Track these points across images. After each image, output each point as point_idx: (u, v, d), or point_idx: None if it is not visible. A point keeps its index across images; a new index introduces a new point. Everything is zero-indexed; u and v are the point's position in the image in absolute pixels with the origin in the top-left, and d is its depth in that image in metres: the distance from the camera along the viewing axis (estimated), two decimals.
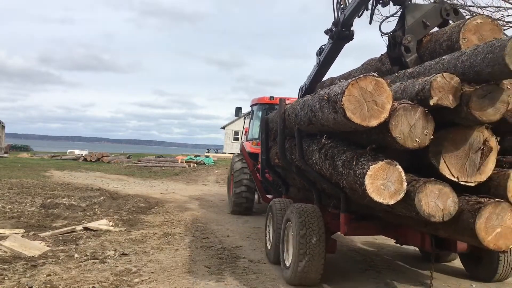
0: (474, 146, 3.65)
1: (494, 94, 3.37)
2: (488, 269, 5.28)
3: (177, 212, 10.54)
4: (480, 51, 3.35)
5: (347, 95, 3.50)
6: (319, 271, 4.83)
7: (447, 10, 4.85)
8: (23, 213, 9.24)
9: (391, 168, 3.54)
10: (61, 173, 22.11)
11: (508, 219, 3.39)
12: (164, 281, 4.96)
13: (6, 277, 4.93)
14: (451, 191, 3.50)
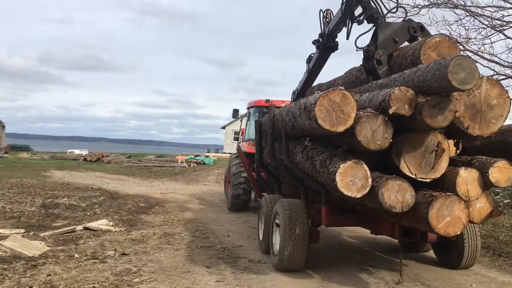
0: (429, 147, 4.25)
1: (443, 104, 3.95)
2: (455, 257, 5.86)
3: (177, 212, 10.55)
4: (430, 68, 3.97)
5: (318, 105, 4.17)
6: (303, 258, 5.40)
7: (414, 28, 5.48)
8: (23, 213, 9.24)
9: (358, 166, 4.20)
10: (61, 173, 22.11)
11: (456, 209, 4.05)
12: (164, 281, 4.96)
13: (6, 277, 4.94)
14: (409, 186, 4.15)
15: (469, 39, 9.02)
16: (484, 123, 4.17)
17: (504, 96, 4.17)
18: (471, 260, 5.81)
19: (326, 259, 6.30)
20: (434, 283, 5.26)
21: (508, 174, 4.42)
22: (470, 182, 4.32)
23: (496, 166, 4.40)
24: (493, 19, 8.57)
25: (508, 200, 10.30)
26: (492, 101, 4.14)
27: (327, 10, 6.85)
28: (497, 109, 4.15)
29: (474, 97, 4.11)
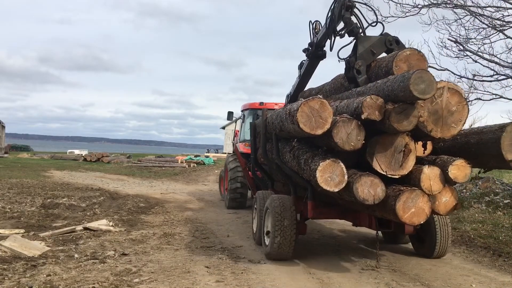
0: (398, 148, 4.90)
1: (408, 111, 4.59)
2: (429, 247, 6.46)
3: (177, 212, 10.54)
4: (397, 80, 4.60)
5: (300, 111, 4.82)
6: (291, 248, 5.96)
7: (390, 41, 6.07)
8: (23, 213, 9.24)
9: (336, 164, 4.85)
10: (61, 173, 22.11)
11: (420, 202, 4.70)
12: (164, 281, 4.96)
13: (6, 277, 4.93)
14: (380, 182, 4.78)
15: (469, 39, 9.02)
16: (445, 127, 4.77)
17: (462, 103, 4.80)
18: (443, 250, 6.41)
19: (326, 259, 6.29)
20: (434, 283, 5.26)
21: (465, 171, 5.00)
22: (432, 178, 4.90)
23: (454, 164, 4.97)
24: (493, 19, 8.56)
25: (508, 200, 10.29)
26: (452, 107, 4.75)
27: (316, 21, 7.33)
28: (457, 114, 4.77)
29: (436, 104, 4.72)
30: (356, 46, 6.16)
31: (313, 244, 7.31)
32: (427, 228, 6.27)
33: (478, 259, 6.62)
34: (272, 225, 5.99)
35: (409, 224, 4.88)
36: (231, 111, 13.22)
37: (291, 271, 5.60)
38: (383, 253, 6.76)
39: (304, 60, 8.01)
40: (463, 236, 8.01)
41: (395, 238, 7.24)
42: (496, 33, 8.70)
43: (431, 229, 6.28)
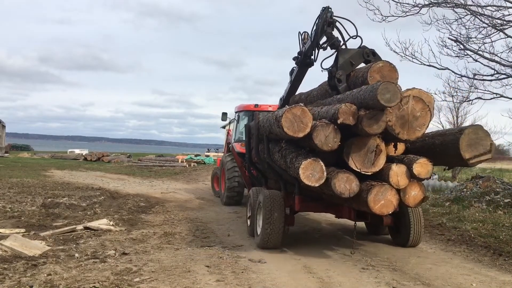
0: (370, 149, 5.63)
1: (378, 116, 5.32)
2: (404, 237, 7.14)
3: (178, 211, 10.55)
4: (368, 90, 5.35)
5: (284, 117, 5.55)
6: (279, 238, 6.63)
7: (367, 53, 6.77)
8: (24, 212, 9.25)
9: (316, 163, 5.52)
10: (62, 172, 22.13)
11: (389, 195, 5.45)
12: (165, 281, 4.96)
13: (6, 276, 4.94)
14: (355, 178, 5.49)
15: (469, 38, 9.00)
16: (411, 130, 5.51)
17: (426, 110, 5.52)
18: (417, 239, 7.11)
19: (327, 258, 6.29)
20: (435, 282, 5.26)
21: (427, 168, 5.71)
22: (399, 174, 5.59)
23: (418, 162, 5.66)
24: (494, 18, 8.53)
25: (509, 199, 10.29)
26: (417, 113, 5.49)
27: (304, 32, 7.85)
28: (421, 119, 5.52)
29: (403, 110, 5.45)
30: (337, 58, 6.86)
31: (314, 243, 7.31)
32: (402, 220, 7.06)
33: (479, 258, 6.62)
34: (263, 217, 6.65)
35: (379, 214, 5.55)
36: (225, 112, 13.74)
37: (291, 270, 5.60)
38: (382, 253, 6.77)
39: (295, 67, 8.64)
40: (463, 235, 8.01)
41: (376, 230, 7.98)
42: (497, 32, 8.68)
43: (406, 220, 7.04)
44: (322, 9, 7.23)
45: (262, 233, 6.66)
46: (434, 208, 10.79)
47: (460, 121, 16.51)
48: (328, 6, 7.15)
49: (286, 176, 6.76)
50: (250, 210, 7.70)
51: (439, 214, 10.06)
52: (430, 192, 12.59)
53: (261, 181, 8.99)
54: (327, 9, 7.13)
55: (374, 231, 8.03)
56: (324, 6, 7.18)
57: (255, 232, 7.12)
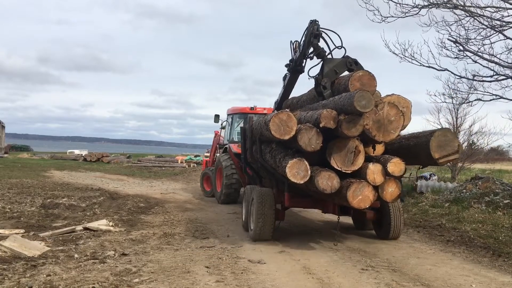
0: (350, 149, 6.28)
1: (356, 120, 5.97)
2: (385, 230, 7.77)
3: (177, 212, 10.55)
4: (346, 97, 6.04)
5: (272, 122, 6.18)
6: (270, 231, 7.28)
7: (350, 62, 7.39)
8: (23, 213, 9.24)
9: (301, 162, 6.18)
10: (61, 173, 22.11)
11: (366, 191, 6.08)
12: (164, 281, 4.96)
13: (6, 277, 4.93)
14: (336, 176, 6.14)
15: (468, 39, 9.01)
16: (386, 132, 6.15)
17: (399, 115, 6.19)
18: (397, 232, 7.75)
19: (326, 259, 6.29)
20: (434, 283, 5.26)
21: (400, 167, 6.30)
22: (376, 172, 6.20)
23: (392, 161, 6.28)
24: (493, 19, 8.53)
25: (508, 200, 10.29)
26: (391, 118, 6.13)
27: (296, 41, 8.41)
28: (395, 123, 6.15)
29: (379, 115, 6.08)
30: (323, 67, 7.49)
31: (313, 244, 7.31)
32: (384, 215, 7.72)
33: (478, 259, 6.63)
34: (256, 212, 7.26)
35: (357, 208, 6.25)
36: (218, 114, 14.23)
37: (291, 271, 5.60)
38: (382, 253, 6.78)
39: (287, 73, 9.24)
40: (463, 236, 8.01)
41: (362, 225, 8.61)
42: (496, 33, 8.68)
43: (387, 216, 7.68)
44: (310, 21, 7.84)
45: (255, 227, 7.28)
46: (434, 209, 10.78)
47: (460, 122, 16.47)
48: (315, 20, 7.78)
49: (277, 175, 7.35)
50: (245, 207, 8.33)
51: (438, 215, 10.05)
52: (429, 193, 12.59)
53: (256, 180, 9.41)
54: (314, 22, 7.76)
55: (360, 226, 8.65)
56: (312, 19, 7.84)
57: (249, 226, 7.75)
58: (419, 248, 7.31)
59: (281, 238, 7.60)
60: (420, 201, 11.86)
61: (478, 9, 8.53)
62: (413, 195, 12.76)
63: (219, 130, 14.71)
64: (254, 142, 8.12)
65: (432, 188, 12.89)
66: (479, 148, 17.41)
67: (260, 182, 9.08)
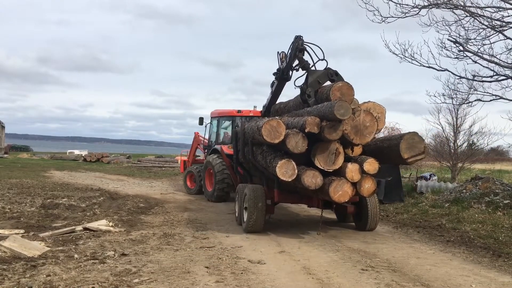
0: (331, 151, 7.23)
1: (336, 126, 6.93)
2: (363, 223, 8.63)
3: (177, 212, 10.54)
4: (328, 106, 6.96)
5: (263, 128, 7.08)
6: (262, 224, 8.07)
7: (331, 74, 8.18)
8: (23, 213, 9.24)
9: (289, 162, 7.11)
10: (61, 173, 22.11)
11: (345, 187, 7.02)
12: (164, 282, 4.96)
13: (6, 277, 4.93)
14: (319, 174, 7.09)
15: (468, 40, 9.00)
16: (362, 136, 7.12)
17: (374, 121, 7.13)
18: (374, 224, 8.62)
19: (326, 259, 6.29)
20: (434, 284, 5.26)
21: (374, 166, 7.22)
22: (353, 171, 7.15)
23: (367, 161, 7.22)
24: (493, 19, 8.53)
25: (508, 201, 10.29)
26: (367, 123, 7.09)
27: (282, 52, 9.32)
28: (370, 128, 7.12)
29: (356, 121, 7.04)
30: (307, 77, 8.30)
31: (313, 244, 7.31)
32: (362, 209, 8.56)
33: (478, 260, 6.62)
34: (249, 207, 8.01)
35: (337, 202, 7.20)
36: (202, 117, 15.03)
37: (291, 271, 5.60)
38: (383, 254, 6.78)
39: (274, 81, 10.09)
40: (463, 237, 8.02)
41: (344, 218, 9.54)
42: (496, 33, 8.68)
43: (365, 209, 8.52)
44: (295, 37, 8.72)
45: (247, 220, 8.04)
46: (434, 209, 10.78)
47: (460, 123, 16.48)
48: (300, 35, 8.68)
49: (267, 174, 8.30)
50: (238, 203, 9.07)
51: (438, 215, 10.06)
52: (429, 193, 12.59)
53: (247, 178, 10.31)
54: (299, 38, 8.65)
55: (341, 219, 9.64)
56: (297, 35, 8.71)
57: (242, 220, 8.45)
58: (419, 248, 7.31)
59: (280, 237, 7.61)
60: (420, 201, 11.87)
61: (478, 9, 8.53)
62: (413, 195, 12.76)
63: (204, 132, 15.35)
64: (247, 144, 8.91)
65: (432, 189, 12.89)
66: (479, 148, 17.41)
67: (251, 180, 9.98)
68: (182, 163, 17.64)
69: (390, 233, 8.69)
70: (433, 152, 18.38)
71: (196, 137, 16.68)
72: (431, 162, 21.21)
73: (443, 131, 17.03)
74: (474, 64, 9.03)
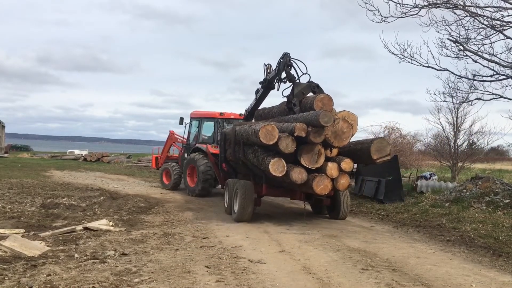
0: (314, 152, 8.49)
1: (320, 132, 8.21)
2: (336, 213, 10.05)
3: (177, 212, 10.55)
4: (314, 115, 8.22)
5: (260, 132, 8.23)
6: (251, 214, 9.28)
7: (314, 86, 9.65)
8: (23, 213, 9.24)
9: (280, 161, 8.29)
10: (61, 173, 22.11)
11: (325, 182, 8.33)
12: (164, 281, 4.96)
13: (6, 277, 4.93)
14: (305, 171, 8.30)
15: (468, 39, 9.01)
16: (340, 140, 8.49)
17: (349, 127, 8.49)
18: (345, 214, 10.04)
19: (327, 259, 6.30)
20: (434, 283, 5.26)
21: (350, 165, 8.57)
22: (333, 168, 8.46)
23: (344, 161, 8.56)
24: (493, 19, 8.54)
25: (508, 200, 10.29)
26: (344, 129, 8.44)
27: (269, 64, 10.94)
28: (346, 133, 8.49)
29: (336, 127, 8.38)
30: (293, 89, 9.74)
31: (314, 244, 7.31)
32: (336, 202, 9.96)
33: (478, 259, 6.63)
34: (239, 199, 9.28)
35: (319, 194, 8.52)
36: (182, 117, 15.94)
37: (291, 271, 5.60)
38: (383, 254, 6.78)
39: (259, 88, 11.52)
40: (463, 236, 8.02)
41: (319, 210, 10.74)
42: (496, 33, 8.68)
43: (338, 202, 9.94)
44: (283, 54, 10.14)
45: (238, 211, 9.28)
46: (434, 208, 10.78)
47: (460, 122, 16.49)
48: (288, 52, 10.07)
49: (256, 170, 9.56)
50: (228, 196, 10.38)
51: (438, 215, 10.06)
52: (429, 192, 12.59)
53: (231, 174, 11.66)
54: (287, 54, 10.08)
55: (317, 211, 10.80)
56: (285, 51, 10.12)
57: (232, 211, 9.72)
58: (419, 248, 7.32)
59: (280, 237, 7.60)
60: (420, 201, 11.87)
61: (478, 8, 8.54)
62: (413, 194, 12.76)
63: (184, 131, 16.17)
64: (238, 145, 9.95)
65: (432, 188, 12.89)
66: (479, 148, 17.41)
67: (236, 176, 11.37)
68: (154, 159, 18.43)
69: (390, 233, 8.69)
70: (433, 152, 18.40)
71: (171, 135, 17.43)
72: (431, 161, 21.23)
73: (443, 131, 17.06)
74: (474, 63, 9.05)
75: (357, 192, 13.74)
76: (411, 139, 21.72)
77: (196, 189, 13.92)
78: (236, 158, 10.21)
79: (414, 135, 21.89)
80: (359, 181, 14.04)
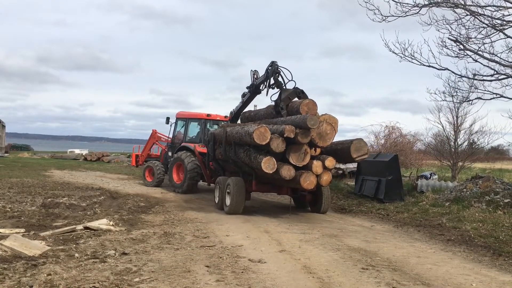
0: (301, 151, 9.39)
1: (307, 133, 9.19)
2: (318, 207, 11.03)
3: (178, 211, 10.55)
4: (301, 118, 9.23)
5: (254, 133, 9.07)
6: (241, 208, 10.32)
7: (299, 92, 10.55)
8: (24, 212, 9.24)
9: (271, 159, 9.20)
10: (62, 172, 22.12)
11: (311, 178, 9.29)
12: (164, 281, 4.96)
13: (6, 276, 4.93)
14: (293, 168, 9.22)
15: (469, 38, 8.99)
16: (324, 140, 9.56)
17: (332, 129, 9.57)
18: (326, 208, 11.05)
19: (326, 259, 6.30)
20: (435, 283, 5.27)
21: (332, 163, 9.55)
22: (318, 166, 9.41)
23: (327, 159, 9.54)
24: (494, 18, 8.52)
25: (508, 200, 10.29)
26: (328, 131, 9.53)
27: (255, 70, 11.82)
28: (330, 135, 9.58)
29: (320, 129, 9.42)
30: (281, 94, 10.72)
31: (314, 243, 7.31)
32: (318, 197, 10.97)
33: (479, 259, 6.63)
34: (231, 194, 10.28)
35: (306, 189, 9.56)
36: (168, 117, 16.58)
37: (291, 270, 5.60)
38: (381, 252, 6.78)
39: (246, 92, 12.40)
40: (463, 236, 8.02)
41: (302, 204, 11.63)
42: (496, 32, 8.66)
43: (320, 197, 10.93)
44: (271, 62, 11.01)
45: (230, 205, 10.29)
46: (434, 208, 10.79)
47: (460, 121, 16.48)
48: (275, 61, 10.95)
49: (245, 168, 10.44)
50: (219, 192, 11.18)
51: (439, 214, 10.06)
52: (430, 192, 12.59)
53: (219, 172, 12.42)
54: (274, 63, 10.94)
55: (300, 205, 11.64)
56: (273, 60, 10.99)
57: (224, 205, 10.66)
58: (420, 247, 7.32)
59: (281, 237, 7.59)
60: (420, 200, 11.87)
61: (479, 8, 8.51)
62: (414, 194, 12.77)
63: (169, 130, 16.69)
64: (229, 144, 10.71)
65: (433, 187, 12.89)
66: (479, 147, 17.40)
67: (223, 173, 12.13)
68: (134, 157, 18.92)
69: (390, 232, 8.69)
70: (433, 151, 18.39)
71: (154, 133, 17.88)
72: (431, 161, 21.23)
73: (443, 130, 17.05)
74: (475, 63, 9.02)
75: (358, 192, 13.74)
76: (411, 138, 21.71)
77: (183, 185, 14.50)
78: (227, 157, 10.92)
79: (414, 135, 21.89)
80: (359, 180, 14.04)
